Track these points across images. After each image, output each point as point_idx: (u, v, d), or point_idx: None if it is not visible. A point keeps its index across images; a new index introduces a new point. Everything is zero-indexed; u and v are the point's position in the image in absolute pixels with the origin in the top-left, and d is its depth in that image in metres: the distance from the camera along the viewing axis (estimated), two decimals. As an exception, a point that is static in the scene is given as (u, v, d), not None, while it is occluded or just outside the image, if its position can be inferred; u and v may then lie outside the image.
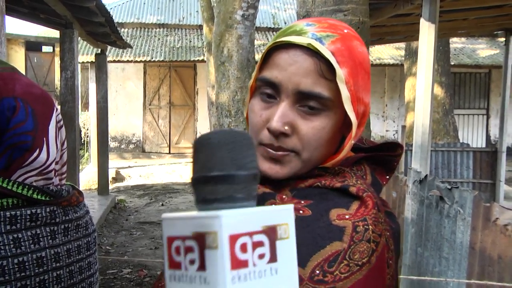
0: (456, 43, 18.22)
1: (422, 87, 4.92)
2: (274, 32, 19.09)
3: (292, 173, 0.98)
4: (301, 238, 0.72)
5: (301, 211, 0.90)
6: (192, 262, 0.51)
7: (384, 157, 1.06)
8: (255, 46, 17.03)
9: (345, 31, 1.00)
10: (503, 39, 9.15)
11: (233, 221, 0.50)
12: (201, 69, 16.98)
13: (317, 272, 0.83)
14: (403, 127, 10.42)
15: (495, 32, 9.22)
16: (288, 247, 0.54)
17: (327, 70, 0.95)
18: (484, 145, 17.12)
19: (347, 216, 0.89)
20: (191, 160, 0.59)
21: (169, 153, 17.50)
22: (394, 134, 18.20)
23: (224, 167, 0.55)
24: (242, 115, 8.64)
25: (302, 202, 0.92)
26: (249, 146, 0.57)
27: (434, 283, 4.34)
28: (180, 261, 0.52)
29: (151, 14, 18.89)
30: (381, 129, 18.78)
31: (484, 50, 18.21)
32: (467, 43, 18.78)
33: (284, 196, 0.95)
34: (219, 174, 0.55)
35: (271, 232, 0.52)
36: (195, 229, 0.51)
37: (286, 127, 0.95)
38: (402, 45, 14.96)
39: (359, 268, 0.84)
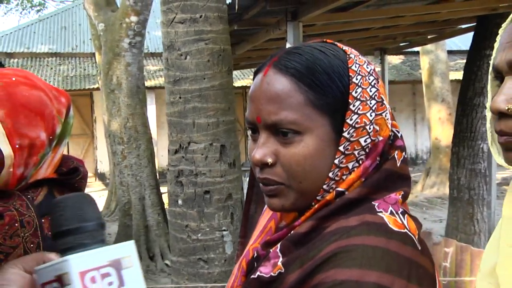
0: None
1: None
2: (170, 57, 19.14)
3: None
4: None
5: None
6: None
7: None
8: (151, 72, 17.05)
9: (13, 78, 1.12)
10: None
11: (80, 261, 0.67)
12: (97, 97, 16.68)
13: None
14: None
15: (372, 51, 9.78)
16: (133, 273, 0.70)
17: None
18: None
19: None
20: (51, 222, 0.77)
21: (69, 183, 17.05)
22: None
23: (70, 222, 0.71)
24: (135, 141, 8.68)
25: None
26: (90, 203, 0.74)
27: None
28: None
29: (42, 43, 18.41)
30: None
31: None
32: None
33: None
34: (66, 229, 0.71)
35: (116, 264, 0.68)
36: (56, 273, 0.68)
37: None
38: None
39: None
